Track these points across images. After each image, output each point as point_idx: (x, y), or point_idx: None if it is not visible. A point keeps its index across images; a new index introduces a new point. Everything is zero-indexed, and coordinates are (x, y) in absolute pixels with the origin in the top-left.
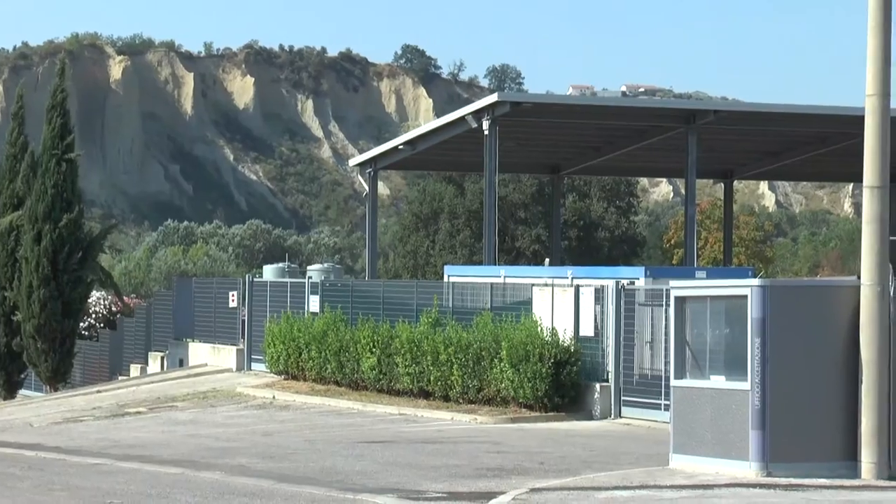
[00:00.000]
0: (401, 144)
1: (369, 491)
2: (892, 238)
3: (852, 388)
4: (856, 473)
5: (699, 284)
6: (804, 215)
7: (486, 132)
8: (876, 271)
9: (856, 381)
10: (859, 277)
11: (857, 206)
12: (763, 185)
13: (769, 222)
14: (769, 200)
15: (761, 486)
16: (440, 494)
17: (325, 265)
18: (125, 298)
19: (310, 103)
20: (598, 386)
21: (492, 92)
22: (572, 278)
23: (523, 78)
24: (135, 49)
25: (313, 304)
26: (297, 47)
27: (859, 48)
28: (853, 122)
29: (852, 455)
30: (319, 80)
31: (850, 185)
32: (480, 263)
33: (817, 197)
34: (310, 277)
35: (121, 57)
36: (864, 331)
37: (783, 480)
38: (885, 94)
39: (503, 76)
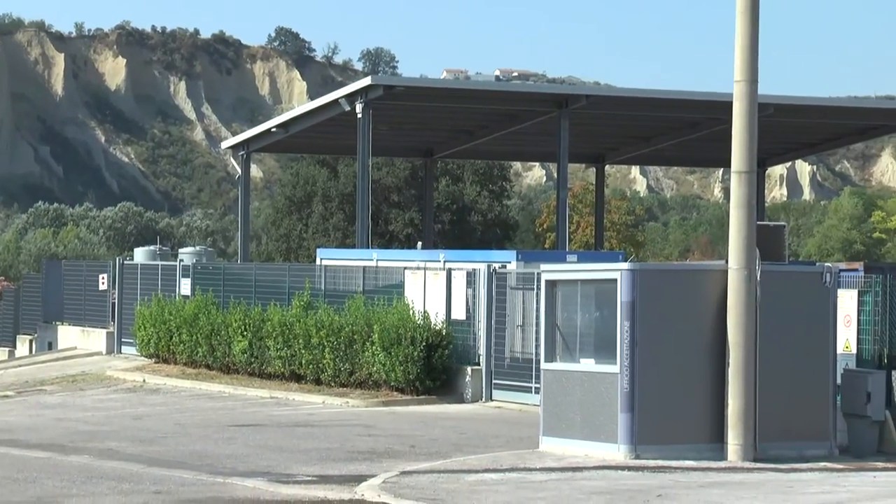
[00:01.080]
0: (274, 127)
1: (239, 474)
2: (759, 223)
3: (720, 370)
4: (722, 455)
5: (570, 268)
6: (675, 200)
7: (360, 115)
8: (743, 255)
9: (723, 363)
10: (728, 261)
11: (727, 191)
12: (635, 170)
13: (640, 207)
14: (641, 185)
15: (630, 468)
16: (311, 478)
17: (197, 248)
18: None
19: (182, 85)
20: (469, 369)
21: (366, 75)
22: (445, 262)
23: (397, 62)
24: (4, 29)
25: (185, 287)
26: (170, 28)
27: (729, 34)
28: (723, 108)
29: (719, 437)
30: (192, 61)
31: (721, 170)
32: (353, 247)
33: (688, 182)
34: (181, 260)
35: None
36: (731, 314)
37: (651, 462)
38: (752, 80)
39: (377, 60)
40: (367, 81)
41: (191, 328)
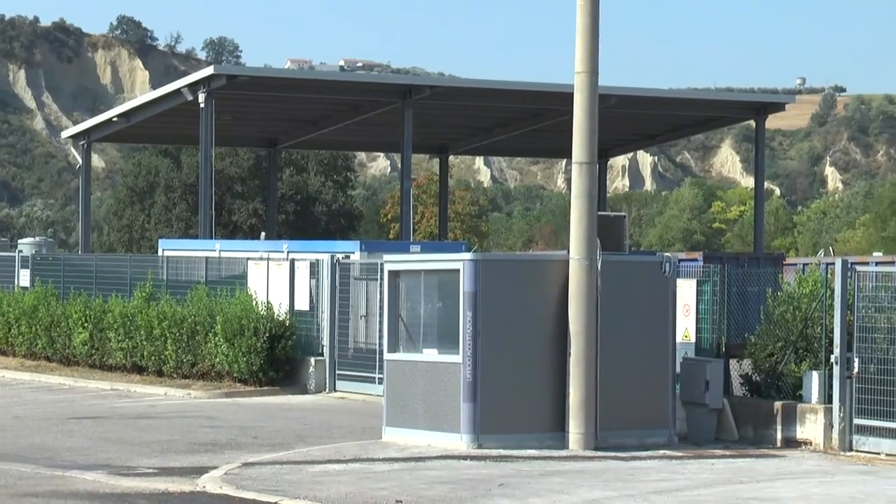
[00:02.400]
0: (115, 117)
1: (79, 467)
2: (600, 213)
3: (561, 360)
4: (564, 444)
5: (413, 259)
6: (519, 190)
7: (202, 105)
8: (584, 245)
9: (565, 353)
10: (569, 251)
11: (570, 182)
12: (479, 161)
13: (484, 197)
14: (485, 175)
15: (472, 457)
16: (152, 470)
17: (37, 239)
18: None
19: (22, 74)
20: (312, 360)
21: (209, 65)
22: (288, 252)
23: (241, 51)
24: None
25: (24, 278)
26: (9, 16)
27: (571, 26)
28: (565, 99)
29: (561, 426)
30: (32, 50)
31: (564, 161)
32: (196, 237)
33: (532, 172)
34: (20, 251)
35: None
36: (572, 303)
37: (494, 452)
38: (592, 71)
39: (221, 49)
40: (209, 71)
41: (30, 320)
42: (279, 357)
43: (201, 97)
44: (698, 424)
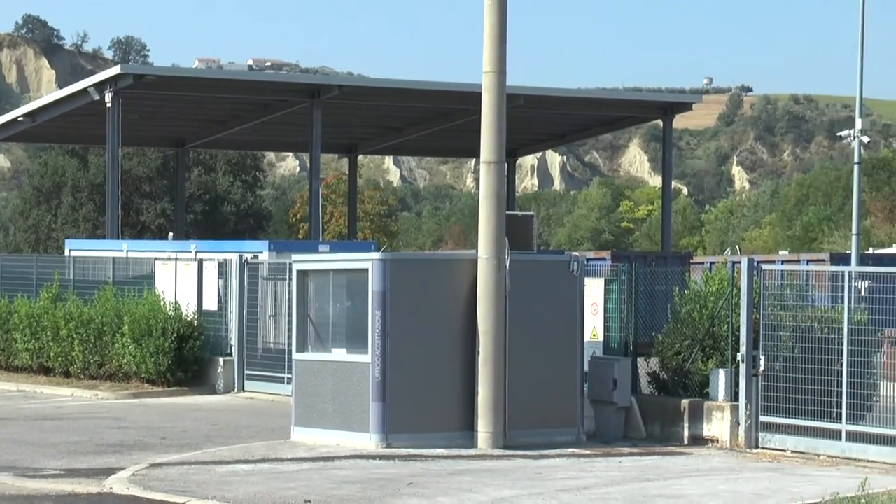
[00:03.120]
0: (21, 116)
1: None
2: (508, 212)
3: (470, 359)
4: (473, 443)
5: (322, 258)
6: (428, 190)
7: (109, 105)
8: (493, 245)
9: (474, 352)
10: (478, 251)
11: (479, 181)
12: (388, 160)
13: (394, 197)
14: (394, 175)
15: (381, 457)
16: (58, 471)
17: None
18: None
19: None
20: (221, 360)
21: (116, 64)
22: (196, 252)
23: (149, 50)
24: None
25: None
26: None
27: (480, 26)
28: (473, 99)
29: (470, 425)
30: None
31: (473, 161)
32: (104, 237)
33: (441, 172)
34: None
35: None
36: (481, 303)
37: (403, 451)
38: (500, 71)
39: (128, 48)
40: (116, 70)
41: None
42: (187, 357)
43: (108, 97)
44: (606, 423)
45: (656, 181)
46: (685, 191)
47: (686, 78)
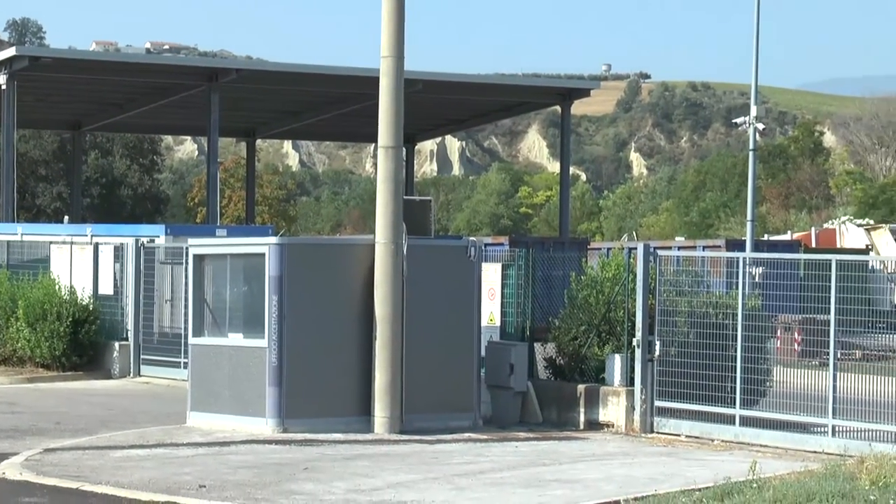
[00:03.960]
0: None
1: None
2: (406, 197)
3: (368, 344)
4: (370, 428)
5: (218, 243)
6: (327, 174)
7: (4, 87)
8: (390, 229)
9: (371, 337)
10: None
11: (377, 166)
12: (287, 145)
13: (293, 181)
14: (293, 160)
15: (277, 442)
16: None
17: None
18: None
19: None
20: (117, 345)
21: (11, 46)
22: (92, 236)
23: (45, 32)
24: None
25: None
26: None
27: (379, 10)
28: (372, 83)
29: (367, 410)
30: None
31: (371, 146)
32: None
33: (340, 157)
34: None
35: None
36: (378, 288)
37: (299, 436)
38: (398, 55)
39: (24, 30)
40: (11, 52)
41: None
42: (83, 342)
43: (3, 79)
44: (503, 407)
45: (555, 167)
46: (583, 177)
47: (585, 64)
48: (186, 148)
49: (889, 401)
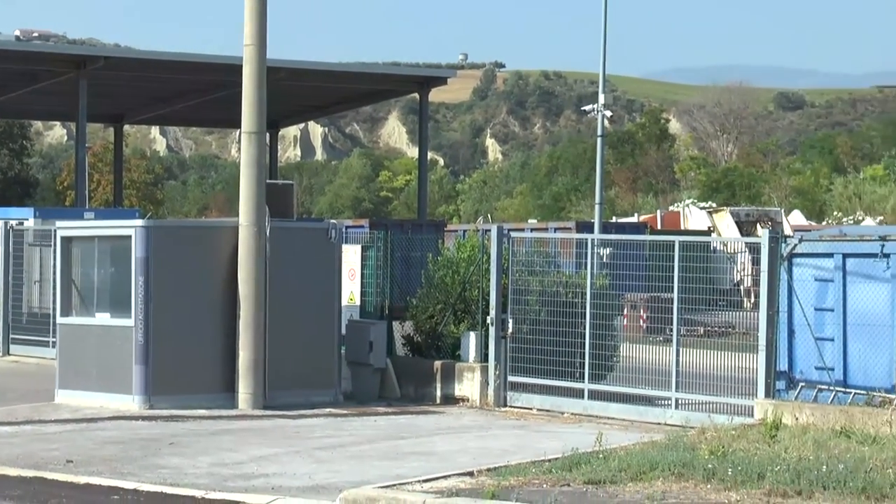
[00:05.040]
0: None
1: None
2: (269, 181)
3: (232, 323)
4: (234, 404)
5: (86, 225)
6: (194, 159)
7: None
8: (254, 212)
9: (235, 316)
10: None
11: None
12: (155, 130)
13: (160, 166)
14: (160, 145)
15: (144, 418)
16: None
17: None
18: None
19: None
20: None
21: None
22: None
23: None
24: None
25: None
26: None
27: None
28: (236, 71)
29: (231, 387)
30: None
31: (237, 131)
32: None
33: (207, 142)
34: None
35: None
36: (242, 268)
37: (165, 412)
38: (261, 44)
39: None
40: None
41: None
42: None
43: None
44: (363, 383)
45: (414, 152)
46: (441, 162)
47: (443, 54)
48: (56, 133)
49: (728, 374)
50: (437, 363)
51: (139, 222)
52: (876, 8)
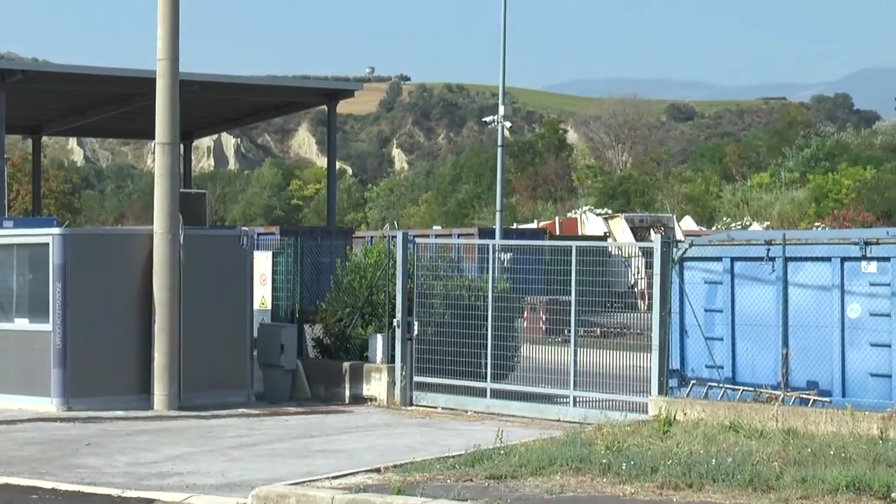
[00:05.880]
0: None
1: None
2: (182, 190)
3: (148, 327)
4: (150, 405)
5: (5, 234)
6: (111, 169)
7: None
8: (168, 220)
9: (151, 320)
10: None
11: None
12: (72, 141)
13: (77, 176)
14: (78, 155)
15: (62, 419)
16: None
17: None
18: None
19: None
20: None
21: None
22: None
23: None
24: None
25: None
26: None
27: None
28: (151, 84)
29: (147, 389)
30: None
31: (152, 142)
32: None
33: (123, 152)
34: None
35: None
36: (157, 275)
37: (83, 414)
38: (173, 58)
39: None
40: None
41: None
42: None
43: None
44: (275, 384)
45: (323, 162)
46: (350, 171)
47: (350, 67)
48: None
49: (624, 373)
50: (346, 364)
51: (57, 230)
52: (760, 25)
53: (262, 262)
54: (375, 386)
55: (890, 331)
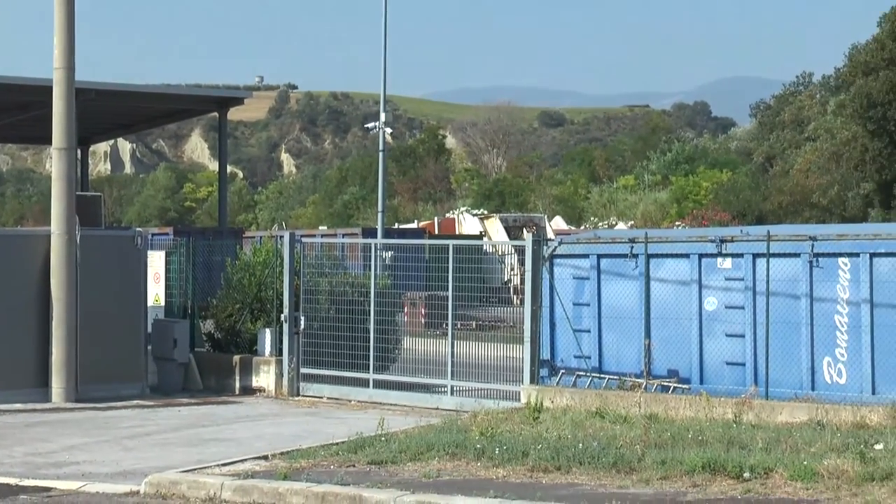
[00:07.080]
0: None
1: None
2: (79, 193)
3: (46, 323)
4: (48, 398)
5: None
6: (11, 173)
7: None
8: (65, 222)
9: (49, 317)
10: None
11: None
12: None
13: None
14: None
15: None
16: None
17: None
18: None
19: None
20: None
21: None
22: None
23: None
24: None
25: None
26: None
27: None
28: (49, 92)
29: (45, 382)
30: None
31: (50, 147)
32: None
33: (23, 157)
34: None
35: None
36: (55, 274)
37: None
38: (70, 67)
39: None
40: None
41: None
42: None
43: None
44: (168, 377)
45: (215, 166)
46: (241, 174)
47: (240, 76)
48: None
49: (498, 364)
50: (236, 357)
51: None
52: (625, 37)
53: (156, 261)
54: (264, 378)
55: (744, 322)
